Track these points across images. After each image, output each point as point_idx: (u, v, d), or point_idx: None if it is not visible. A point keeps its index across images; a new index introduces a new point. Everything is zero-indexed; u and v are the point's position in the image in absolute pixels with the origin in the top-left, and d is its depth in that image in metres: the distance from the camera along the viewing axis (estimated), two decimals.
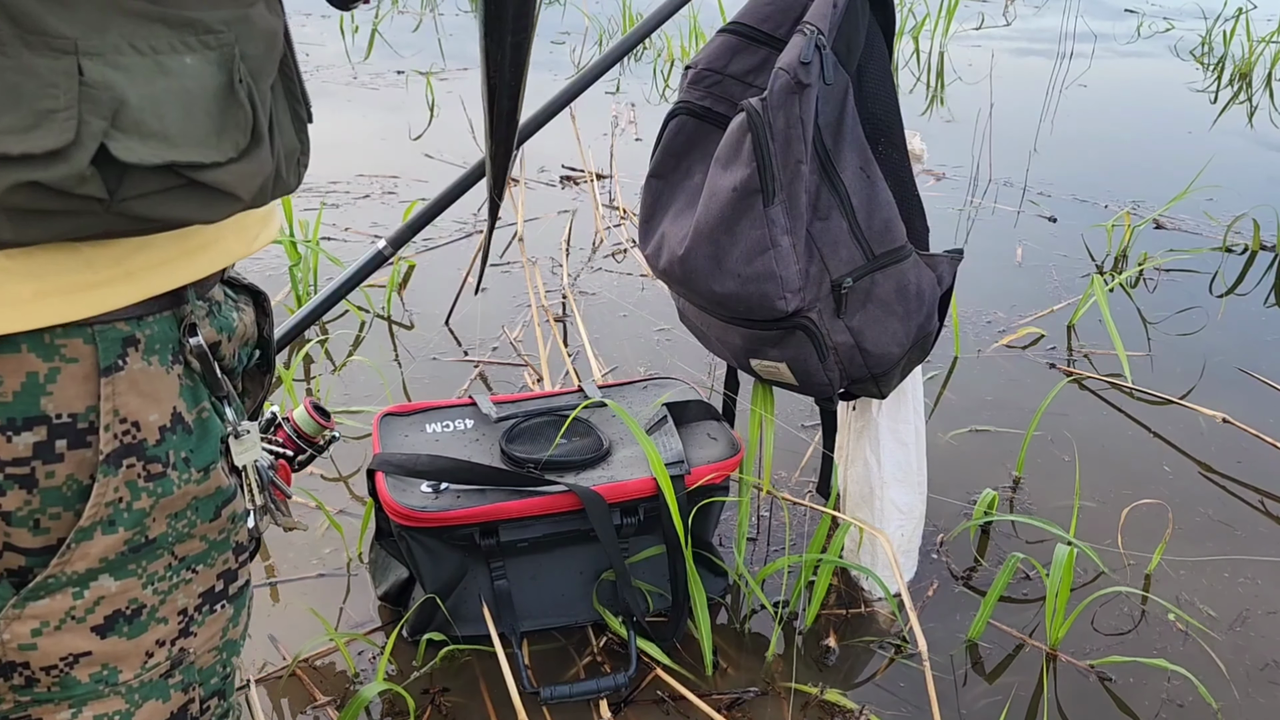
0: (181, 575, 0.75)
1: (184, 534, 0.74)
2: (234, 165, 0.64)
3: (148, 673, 0.75)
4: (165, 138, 0.60)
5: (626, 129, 4.01)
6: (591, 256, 2.89)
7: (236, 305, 0.83)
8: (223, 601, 0.80)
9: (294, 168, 0.73)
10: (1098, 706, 1.47)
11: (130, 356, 0.68)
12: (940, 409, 2.20)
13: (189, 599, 0.77)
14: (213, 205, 0.65)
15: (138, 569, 0.72)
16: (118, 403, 0.67)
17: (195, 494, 0.74)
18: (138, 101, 0.58)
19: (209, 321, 0.76)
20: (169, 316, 0.71)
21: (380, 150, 3.69)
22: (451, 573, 1.45)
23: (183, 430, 0.72)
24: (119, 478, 0.68)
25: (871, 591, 1.65)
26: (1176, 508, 1.84)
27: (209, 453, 0.74)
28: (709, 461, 1.49)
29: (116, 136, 0.57)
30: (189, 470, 0.73)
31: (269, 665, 1.49)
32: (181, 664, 0.78)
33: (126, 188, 0.59)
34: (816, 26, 1.32)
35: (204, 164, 0.62)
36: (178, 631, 0.77)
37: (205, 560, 0.77)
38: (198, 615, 0.78)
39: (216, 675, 0.82)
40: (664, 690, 1.45)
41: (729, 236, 1.35)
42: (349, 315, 2.49)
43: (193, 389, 0.73)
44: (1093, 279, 2.34)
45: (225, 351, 0.79)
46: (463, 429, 1.55)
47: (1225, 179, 3.35)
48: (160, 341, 0.70)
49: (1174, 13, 6.69)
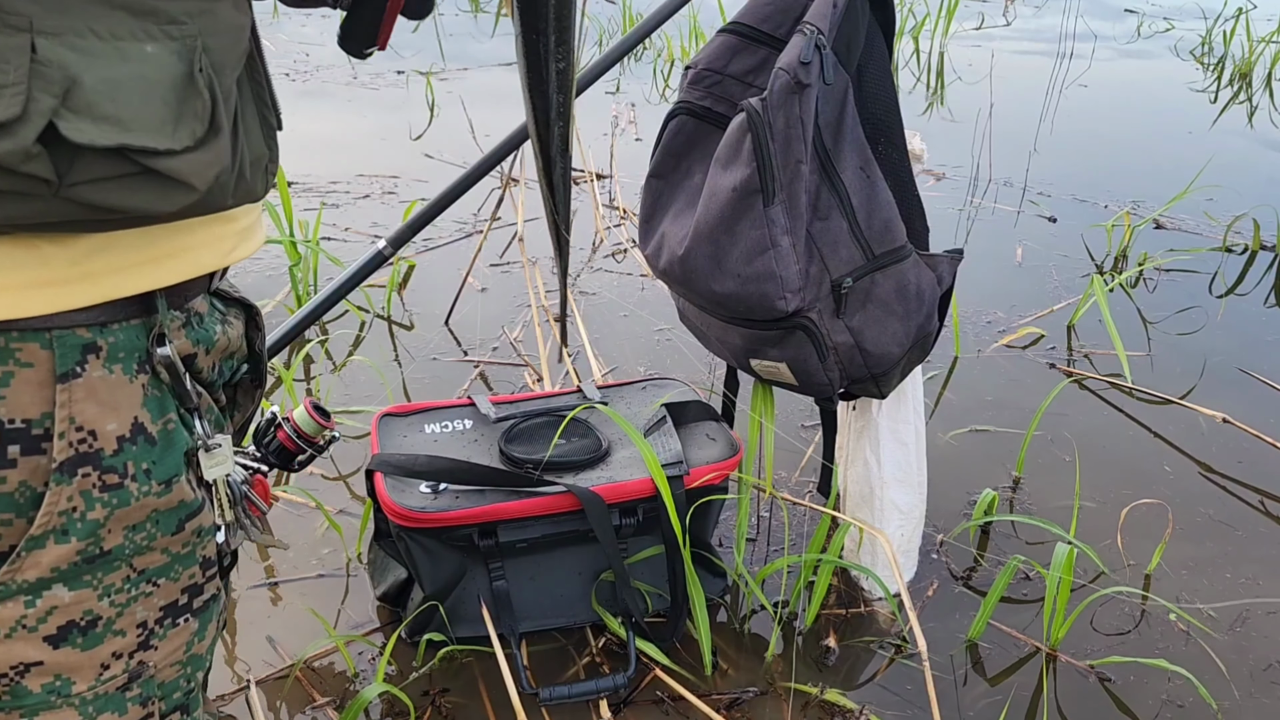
0: (141, 588, 0.74)
1: (143, 546, 0.73)
2: (190, 154, 0.62)
3: (103, 685, 0.74)
4: (119, 121, 0.59)
5: (626, 129, 4.01)
6: (591, 256, 2.89)
7: (225, 318, 0.83)
8: (186, 615, 0.79)
9: (261, 174, 0.72)
10: (1098, 706, 1.47)
11: (90, 364, 0.67)
12: (940, 409, 2.20)
13: (149, 612, 0.76)
14: (166, 195, 0.63)
15: (93, 580, 0.71)
16: (74, 410, 0.66)
17: (155, 506, 0.73)
18: (93, 84, 0.58)
19: (185, 333, 0.75)
20: (138, 325, 0.70)
21: (380, 150, 3.69)
22: (450, 573, 1.45)
23: (144, 441, 0.71)
24: (73, 487, 0.67)
25: (871, 591, 1.65)
26: (1177, 508, 1.84)
27: (172, 465, 0.73)
28: (708, 462, 1.49)
29: (67, 116, 0.57)
30: (149, 482, 0.71)
31: (269, 666, 1.49)
32: (140, 677, 0.76)
33: (77, 171, 0.58)
34: (816, 26, 1.32)
35: (158, 150, 0.60)
36: (136, 644, 0.75)
37: (167, 573, 0.76)
38: (159, 628, 0.77)
39: (179, 690, 0.81)
40: (663, 691, 1.45)
41: (729, 236, 1.35)
42: (349, 315, 2.49)
43: (160, 400, 0.72)
44: (1093, 279, 2.34)
45: (202, 364, 0.78)
46: (461, 429, 1.55)
47: (1225, 179, 3.35)
48: (125, 350, 0.69)
49: (1174, 13, 6.69)
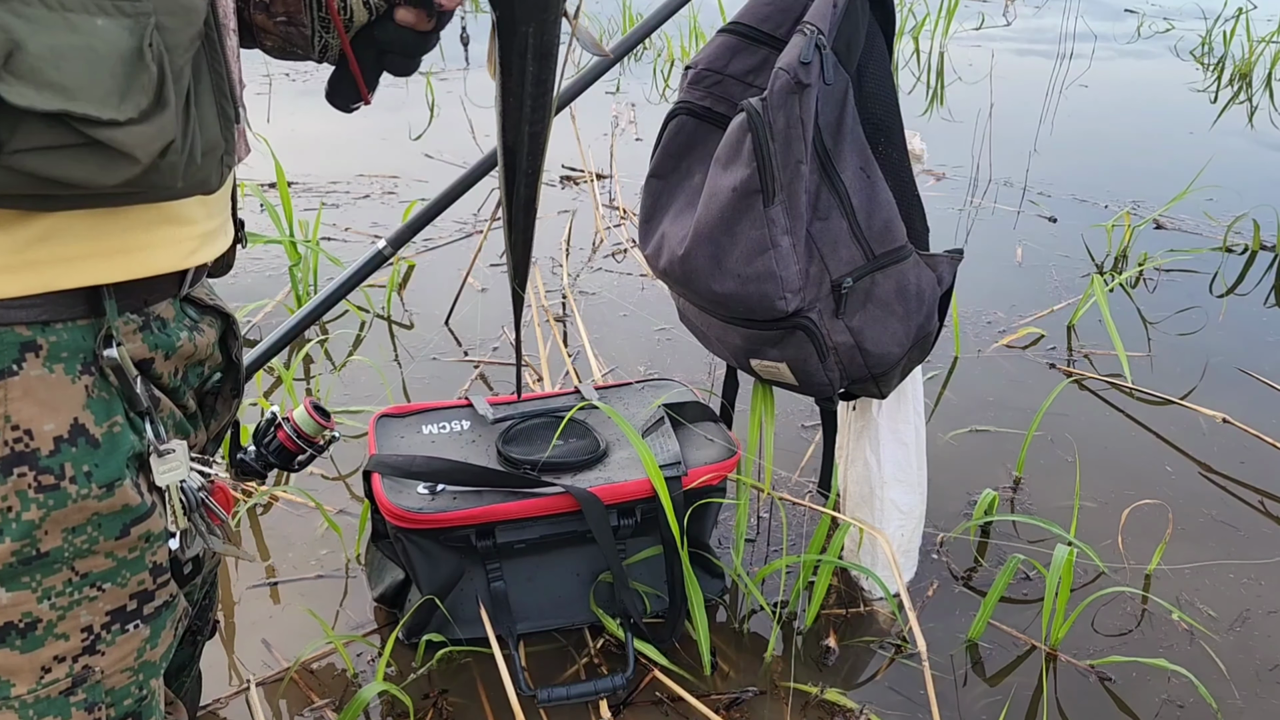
0: (84, 592, 0.74)
1: (84, 550, 0.72)
2: (134, 126, 0.62)
3: (44, 688, 0.73)
4: (63, 89, 0.58)
5: (626, 129, 4.01)
6: (591, 256, 2.89)
7: (196, 326, 0.82)
8: (136, 621, 0.78)
9: (216, 164, 0.71)
10: (1098, 706, 1.47)
11: (28, 362, 0.67)
12: (940, 409, 2.19)
13: (94, 616, 0.75)
14: (109, 167, 0.63)
15: (31, 582, 0.71)
16: (10, 409, 0.66)
17: (97, 509, 0.72)
18: (37, 50, 0.57)
19: (141, 336, 0.74)
20: (85, 326, 0.70)
21: (380, 150, 3.69)
22: (448, 574, 1.45)
23: (85, 443, 0.70)
24: (8, 486, 0.67)
25: (871, 591, 1.65)
26: (1177, 508, 1.84)
27: (115, 468, 0.72)
28: (706, 463, 1.49)
29: (8, 79, 0.57)
30: (89, 484, 0.71)
31: (268, 667, 1.48)
32: (85, 682, 0.76)
33: (19, 139, 0.58)
34: (816, 26, 1.32)
35: (101, 120, 0.60)
36: (81, 648, 0.75)
37: (114, 579, 0.75)
38: (105, 634, 0.76)
39: (131, 697, 0.80)
40: (663, 692, 1.45)
41: (729, 236, 1.35)
42: (349, 315, 2.49)
43: (106, 402, 0.71)
44: (1093, 279, 2.34)
45: (161, 369, 0.77)
46: (459, 430, 1.55)
47: (1225, 179, 3.35)
48: (68, 350, 0.69)
49: (1174, 13, 6.69)
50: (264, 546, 1.73)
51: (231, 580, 1.65)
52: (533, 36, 0.81)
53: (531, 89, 0.83)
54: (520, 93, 0.83)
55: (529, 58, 0.81)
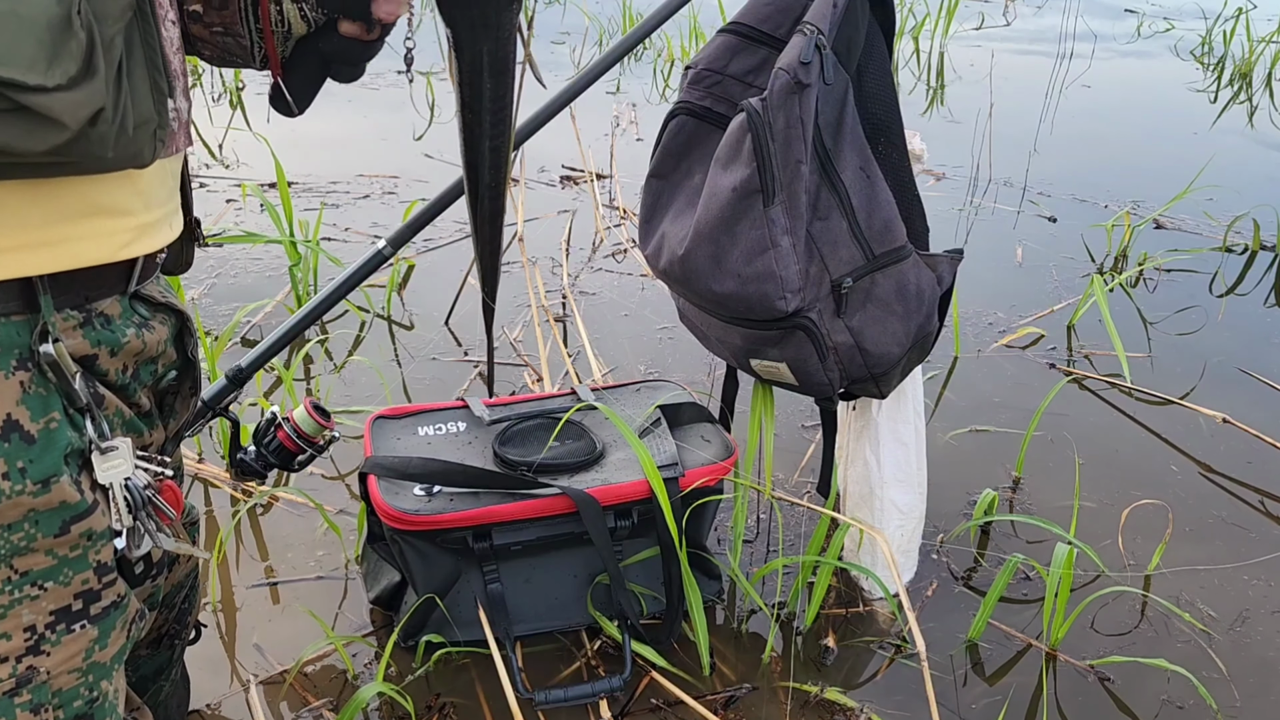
0: (25, 590, 0.73)
1: (21, 547, 0.72)
2: (62, 92, 0.62)
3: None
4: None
5: (627, 129, 4.01)
6: (591, 256, 2.89)
7: (146, 323, 0.82)
8: (83, 622, 0.77)
9: (149, 138, 0.71)
10: (1098, 706, 1.47)
11: None
12: (940, 409, 2.19)
13: (37, 615, 0.74)
14: (36, 132, 0.63)
15: None
16: None
17: (32, 506, 0.71)
18: None
19: (81, 333, 0.74)
20: (19, 321, 0.70)
21: (380, 150, 3.69)
22: (444, 576, 1.45)
23: (19, 439, 0.70)
24: None
25: (871, 591, 1.65)
26: (1177, 508, 1.84)
27: (50, 464, 0.72)
28: (703, 464, 1.49)
29: None
30: (23, 480, 0.70)
31: (268, 668, 1.48)
32: (30, 683, 0.75)
33: None
34: (816, 26, 1.32)
35: (28, 85, 0.60)
36: (24, 648, 0.74)
37: (55, 577, 0.75)
38: (50, 634, 0.75)
39: (80, 699, 0.79)
40: (660, 695, 1.45)
41: (729, 236, 1.35)
42: (349, 315, 2.49)
43: (43, 398, 0.71)
44: (1093, 279, 2.34)
45: (106, 366, 0.77)
46: (455, 431, 1.55)
47: (1225, 179, 3.35)
48: (1, 346, 0.69)
49: (1174, 13, 6.69)
50: (264, 547, 1.73)
51: (231, 580, 1.65)
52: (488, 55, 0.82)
53: (490, 104, 0.85)
54: (479, 108, 0.85)
55: (485, 75, 0.83)
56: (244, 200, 3.11)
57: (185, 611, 1.11)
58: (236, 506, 1.79)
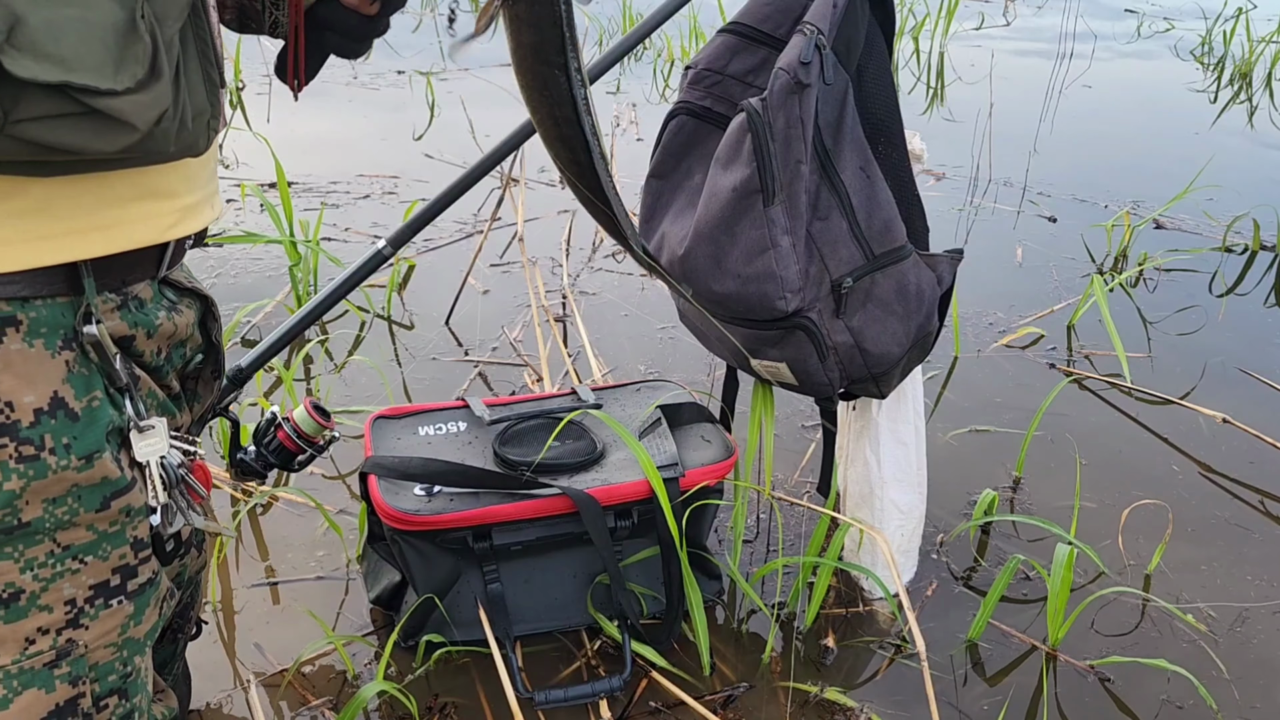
0: (67, 564, 0.75)
1: (65, 521, 0.73)
2: (131, 95, 0.64)
3: (29, 660, 0.74)
4: (61, 60, 0.60)
5: (627, 129, 4.01)
6: (592, 256, 2.89)
7: (175, 307, 0.83)
8: (120, 597, 0.79)
9: (204, 129, 0.73)
10: (1098, 706, 1.47)
11: (8, 336, 0.68)
12: (940, 409, 2.19)
13: (77, 589, 0.76)
14: (107, 134, 0.65)
15: (14, 552, 0.72)
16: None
17: (76, 480, 0.73)
18: (36, 23, 0.59)
19: (119, 314, 0.76)
20: (65, 303, 0.71)
21: (381, 150, 3.69)
22: (444, 576, 1.45)
23: (64, 416, 0.72)
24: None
25: (871, 591, 1.65)
26: (1177, 508, 1.84)
27: (93, 441, 0.73)
28: (703, 464, 1.49)
29: (10, 53, 0.58)
30: (69, 456, 0.72)
31: (268, 667, 1.48)
32: (69, 655, 0.76)
33: (22, 108, 0.60)
34: (816, 26, 1.32)
35: (100, 89, 0.62)
36: (65, 621, 0.76)
37: (95, 551, 0.76)
38: (89, 607, 0.77)
39: (115, 673, 0.80)
40: (660, 697, 1.45)
41: (729, 236, 1.35)
42: (349, 315, 2.49)
43: (86, 377, 0.73)
44: (1093, 279, 2.34)
45: (142, 348, 0.79)
46: (455, 431, 1.55)
47: (1225, 179, 3.35)
48: (48, 326, 0.70)
49: (1174, 13, 6.69)
50: (264, 547, 1.73)
51: (231, 580, 1.65)
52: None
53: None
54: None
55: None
56: (244, 200, 3.11)
57: (188, 606, 1.12)
58: (236, 506, 1.79)
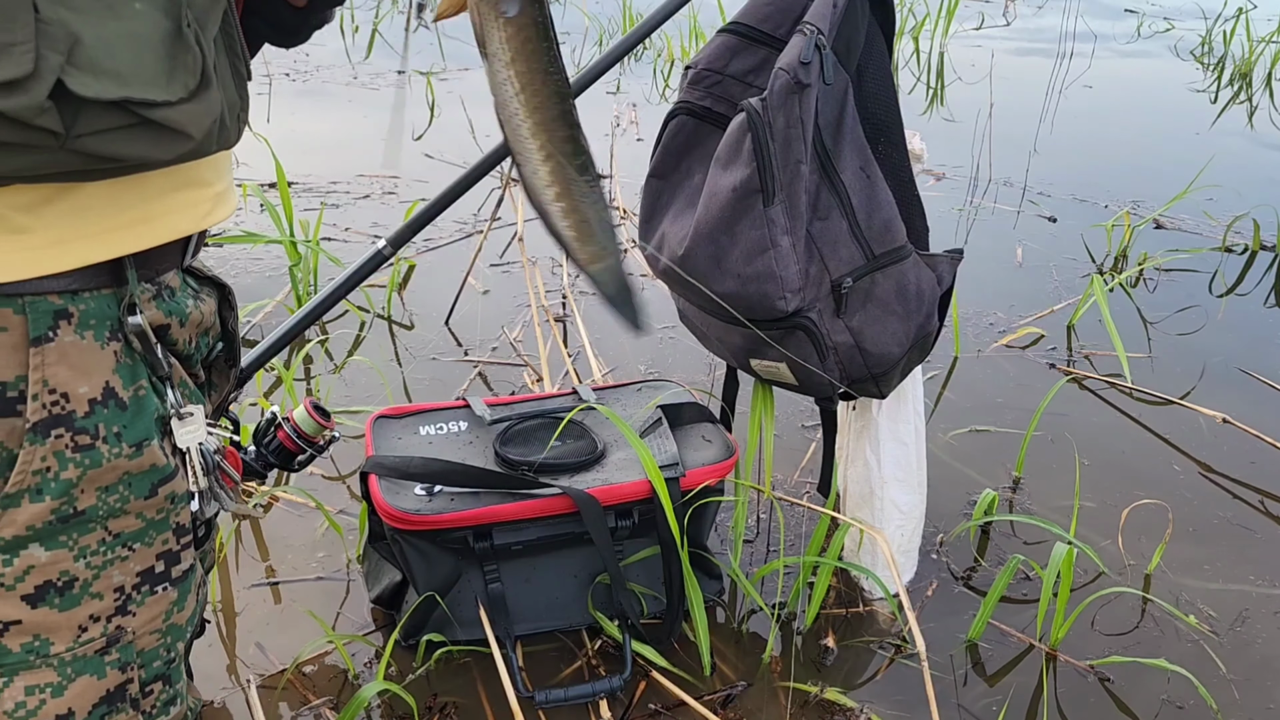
0: (117, 551, 0.76)
1: (116, 509, 0.75)
2: (185, 105, 0.66)
3: (81, 647, 0.76)
4: (117, 76, 0.62)
5: (627, 129, 4.01)
6: None
7: (197, 295, 0.85)
8: (165, 584, 0.80)
9: (235, 121, 0.74)
10: (1098, 706, 1.47)
11: (62, 329, 0.69)
12: (940, 409, 2.19)
13: (126, 576, 0.77)
14: (164, 143, 0.66)
15: (69, 540, 0.73)
16: (47, 373, 0.69)
17: (127, 469, 0.74)
18: (92, 41, 0.60)
19: (155, 304, 0.77)
20: (109, 295, 0.72)
21: (380, 150, 3.69)
22: (445, 576, 1.45)
23: (115, 405, 0.73)
24: (46, 447, 0.69)
25: (871, 591, 1.65)
26: (1177, 508, 1.84)
27: (142, 429, 0.75)
28: (704, 464, 1.49)
29: (72, 72, 0.59)
30: (120, 444, 0.73)
31: (268, 667, 1.48)
32: (119, 642, 0.78)
33: (82, 124, 0.61)
34: (816, 26, 1.32)
35: (156, 102, 0.64)
36: (114, 608, 0.77)
37: (142, 539, 0.77)
38: (136, 594, 0.78)
39: (160, 659, 0.82)
40: (660, 700, 1.45)
41: (729, 236, 1.35)
42: (349, 315, 2.49)
43: (131, 367, 0.74)
44: (1093, 279, 2.34)
45: (176, 336, 0.80)
46: (456, 431, 1.55)
47: (1225, 179, 3.35)
48: (96, 317, 0.71)
49: (1174, 13, 6.69)
50: (264, 547, 1.73)
51: (232, 580, 1.65)
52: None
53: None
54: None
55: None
56: (244, 200, 3.11)
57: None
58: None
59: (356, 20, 5.54)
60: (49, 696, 0.75)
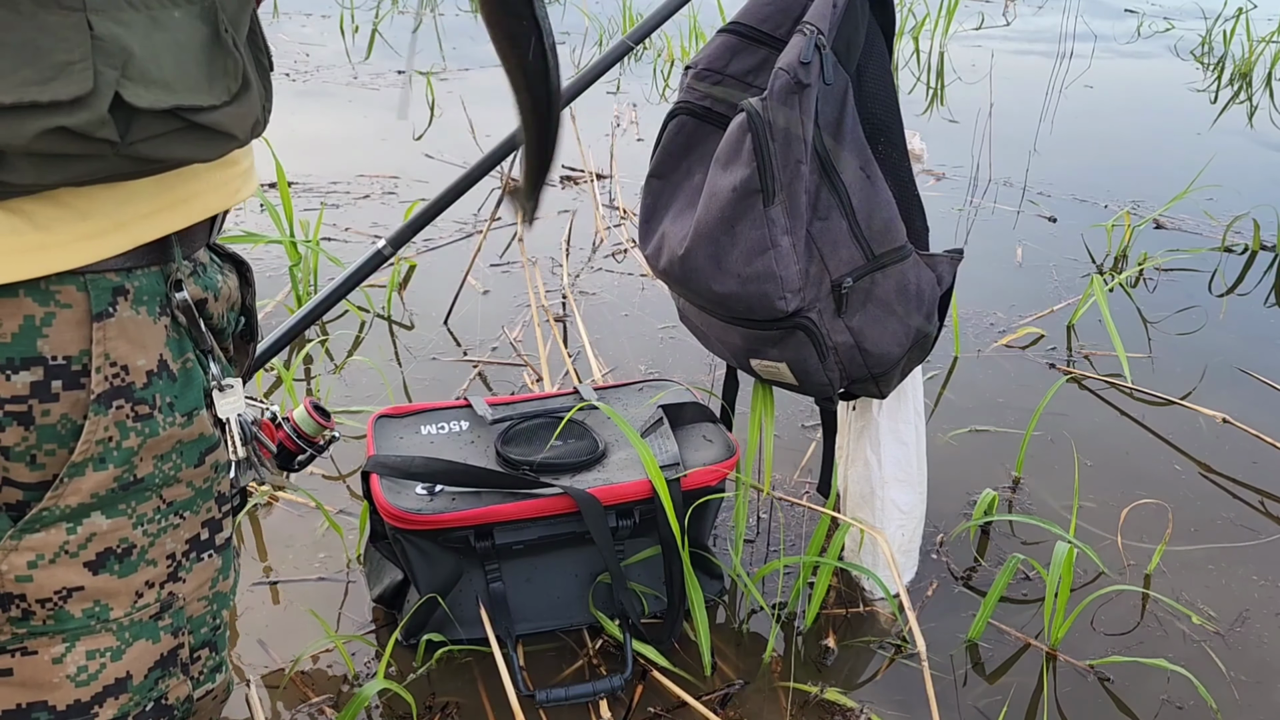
0: (169, 519, 0.78)
1: (170, 477, 0.77)
2: (228, 108, 0.70)
3: (138, 612, 0.78)
4: (166, 84, 0.65)
5: (627, 129, 4.01)
6: (592, 256, 2.89)
7: (221, 270, 0.87)
8: (210, 551, 0.83)
9: (262, 111, 0.77)
10: (1098, 706, 1.47)
11: (120, 305, 0.72)
12: (940, 409, 2.20)
13: (176, 544, 0.80)
14: (210, 144, 0.71)
15: (128, 508, 0.75)
16: (108, 347, 0.71)
17: (180, 437, 0.77)
18: (142, 52, 0.64)
19: (194, 280, 0.80)
20: (157, 271, 0.75)
21: (381, 150, 3.69)
22: (446, 575, 1.45)
23: (168, 377, 0.76)
24: (109, 417, 0.72)
25: (871, 591, 1.65)
26: (1177, 507, 1.84)
27: (192, 399, 0.78)
28: (705, 463, 1.49)
29: (127, 85, 0.63)
30: (174, 414, 0.76)
31: (269, 666, 1.49)
32: (171, 608, 0.80)
33: (135, 131, 0.65)
34: (816, 26, 1.32)
35: (202, 107, 0.67)
36: (166, 575, 0.79)
37: (191, 507, 0.80)
38: (185, 561, 0.81)
39: (206, 625, 0.84)
40: (661, 700, 1.45)
41: (729, 236, 1.35)
42: (349, 315, 2.49)
43: (178, 340, 0.77)
44: (1092, 279, 2.34)
45: (213, 310, 0.83)
46: (458, 431, 1.55)
47: (1225, 179, 3.35)
48: (148, 293, 0.74)
49: (1174, 13, 6.69)
50: (264, 547, 1.73)
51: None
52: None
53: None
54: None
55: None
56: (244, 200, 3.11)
57: None
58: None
59: (357, 20, 5.54)
60: (109, 660, 0.77)
